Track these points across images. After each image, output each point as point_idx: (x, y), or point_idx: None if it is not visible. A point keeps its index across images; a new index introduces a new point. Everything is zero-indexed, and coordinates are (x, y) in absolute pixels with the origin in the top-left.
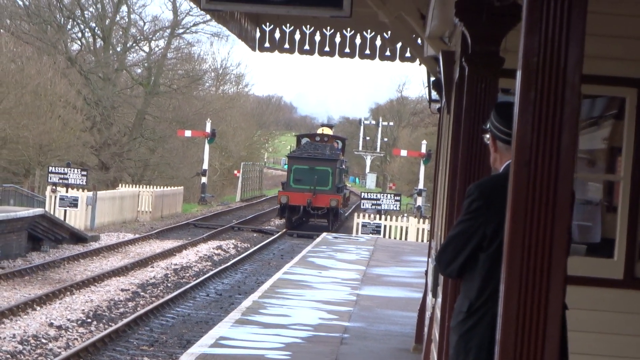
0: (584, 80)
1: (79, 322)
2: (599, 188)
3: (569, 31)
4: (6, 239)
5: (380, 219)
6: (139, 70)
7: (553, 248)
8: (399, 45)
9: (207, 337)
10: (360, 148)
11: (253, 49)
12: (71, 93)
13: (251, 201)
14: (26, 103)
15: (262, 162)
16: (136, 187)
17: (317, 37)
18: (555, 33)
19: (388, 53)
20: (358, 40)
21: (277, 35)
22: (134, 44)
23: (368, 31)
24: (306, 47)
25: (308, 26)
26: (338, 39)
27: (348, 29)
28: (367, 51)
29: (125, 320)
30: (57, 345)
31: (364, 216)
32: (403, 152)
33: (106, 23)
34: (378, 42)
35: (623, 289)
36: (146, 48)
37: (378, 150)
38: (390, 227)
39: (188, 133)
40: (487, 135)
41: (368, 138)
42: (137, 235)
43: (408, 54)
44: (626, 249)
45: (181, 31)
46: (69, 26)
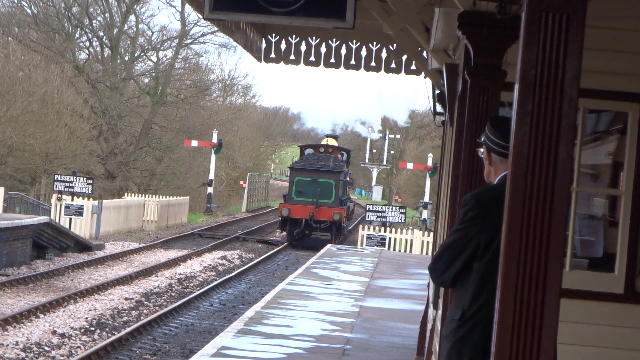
0: (587, 94)
1: (83, 331)
2: (603, 203)
3: (567, 44)
4: (11, 247)
5: (385, 232)
6: (147, 79)
7: (549, 260)
8: (405, 57)
9: (209, 347)
10: (366, 160)
11: (259, 60)
12: (78, 102)
13: (257, 212)
14: (33, 111)
15: (269, 173)
16: (142, 197)
17: (323, 49)
18: (553, 46)
19: (393, 65)
20: (364, 52)
21: (283, 46)
22: (142, 54)
23: (374, 43)
24: (312, 59)
25: (314, 37)
26: (344, 51)
27: (354, 41)
28: (373, 63)
29: (128, 329)
30: (60, 353)
31: (369, 228)
32: (409, 165)
33: (114, 32)
34: (384, 55)
35: (623, 304)
36: (154, 58)
37: (384, 162)
38: (395, 240)
39: (195, 143)
40: (482, 149)
41: (375, 150)
42: (142, 244)
43: (413, 67)
44: (627, 264)
45: (189, 41)
46: (77, 35)
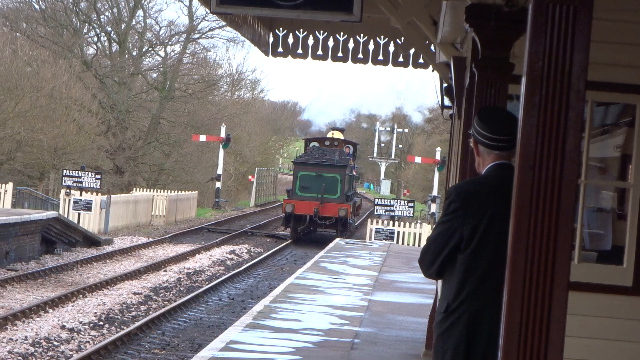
0: (595, 87)
1: (91, 325)
2: (611, 196)
3: (574, 37)
4: (20, 242)
5: (393, 225)
6: (155, 74)
7: (557, 252)
8: (412, 51)
9: (217, 341)
10: (375, 154)
11: (266, 54)
12: (86, 97)
13: (265, 206)
14: (41, 106)
15: (277, 168)
16: (150, 192)
17: (331, 43)
18: (560, 38)
19: (401, 59)
20: (371, 46)
21: (291, 40)
22: (150, 49)
23: (381, 37)
24: (319, 53)
25: (321, 31)
26: (351, 45)
27: (361, 35)
28: (381, 57)
29: (137, 323)
30: (69, 347)
31: (378, 222)
32: (417, 159)
33: (122, 27)
34: (391, 48)
35: (632, 296)
36: (162, 53)
37: (393, 156)
38: (403, 234)
39: (203, 138)
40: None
41: (383, 144)
42: (151, 239)
43: (421, 60)
44: (635, 256)
45: (197, 36)
46: (85, 30)
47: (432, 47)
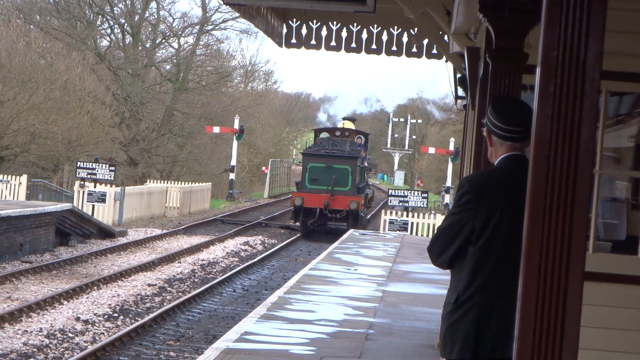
0: (609, 77)
1: (106, 317)
2: (625, 186)
3: (589, 25)
4: (34, 234)
5: (407, 216)
6: (168, 66)
7: (572, 242)
8: (426, 42)
9: (232, 332)
10: (388, 145)
11: (279, 45)
12: (100, 89)
13: (279, 197)
14: (55, 98)
15: (291, 159)
16: (164, 183)
17: (344, 34)
18: (575, 27)
19: (414, 50)
20: (385, 36)
21: (304, 31)
22: (163, 40)
23: (395, 28)
24: (333, 44)
25: (334, 22)
26: (365, 36)
27: (375, 26)
28: (394, 47)
29: (151, 315)
30: (84, 339)
31: (391, 213)
32: (431, 150)
33: (135, 19)
34: (405, 39)
35: None
36: (175, 44)
37: (406, 147)
38: (417, 224)
39: (216, 129)
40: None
41: (397, 135)
42: (165, 230)
43: (434, 51)
44: None
45: (210, 28)
46: (98, 22)
47: (446, 38)
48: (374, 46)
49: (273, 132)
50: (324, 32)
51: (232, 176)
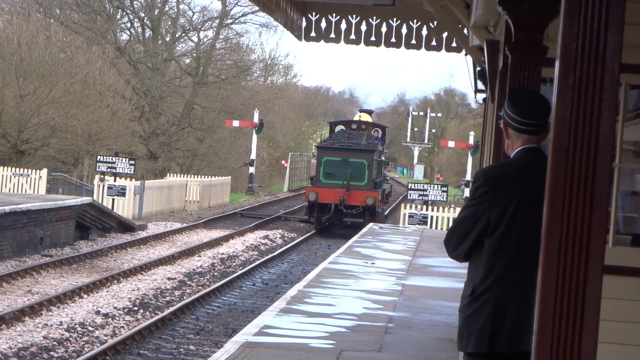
0: (629, 70)
1: (126, 310)
2: None
3: (608, 17)
4: (55, 228)
5: (427, 210)
6: (188, 60)
7: (591, 235)
8: (445, 35)
9: (252, 326)
10: (408, 139)
11: (299, 39)
12: (120, 83)
13: (299, 191)
14: (75, 92)
15: (310, 153)
16: (184, 177)
17: (363, 27)
18: (594, 19)
19: (434, 43)
20: (404, 30)
21: (323, 24)
22: (183, 34)
23: (414, 21)
24: (352, 37)
25: (354, 16)
26: (384, 29)
27: (394, 19)
28: (413, 41)
29: (171, 308)
30: (104, 332)
31: (411, 207)
32: (451, 144)
33: (155, 13)
34: (424, 32)
35: None
36: (195, 38)
37: (426, 141)
38: (437, 218)
39: (236, 123)
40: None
41: (416, 129)
42: (185, 224)
43: (454, 44)
44: None
45: (230, 21)
46: (118, 16)
47: (465, 31)
48: (394, 39)
49: (293, 126)
50: (344, 26)
51: (252, 170)
